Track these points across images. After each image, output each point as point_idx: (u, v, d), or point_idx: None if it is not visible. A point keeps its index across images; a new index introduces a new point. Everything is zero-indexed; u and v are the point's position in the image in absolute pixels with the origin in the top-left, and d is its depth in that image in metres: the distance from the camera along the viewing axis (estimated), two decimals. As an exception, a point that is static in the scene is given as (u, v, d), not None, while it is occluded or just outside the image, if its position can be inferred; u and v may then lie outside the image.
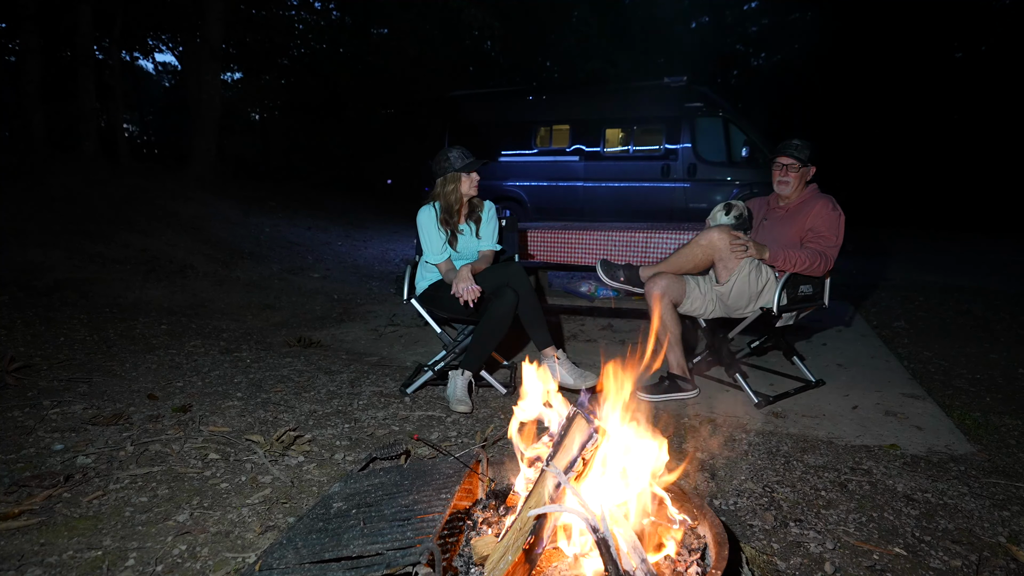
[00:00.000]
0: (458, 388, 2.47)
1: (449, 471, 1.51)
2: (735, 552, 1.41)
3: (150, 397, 2.49)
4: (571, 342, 3.61)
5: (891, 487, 1.82)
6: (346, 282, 5.83)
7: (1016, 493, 1.79)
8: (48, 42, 9.63)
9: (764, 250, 2.47)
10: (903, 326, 4.09)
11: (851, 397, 2.66)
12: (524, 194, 7.82)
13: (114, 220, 6.09)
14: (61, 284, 4.32)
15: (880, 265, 7.21)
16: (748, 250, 2.45)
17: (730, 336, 2.66)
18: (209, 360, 3.06)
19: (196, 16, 10.30)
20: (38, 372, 2.72)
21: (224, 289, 4.96)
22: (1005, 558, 1.46)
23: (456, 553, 1.27)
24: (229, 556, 1.44)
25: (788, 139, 2.64)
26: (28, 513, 1.59)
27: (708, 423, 2.32)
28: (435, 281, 2.71)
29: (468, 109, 8.49)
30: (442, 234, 2.65)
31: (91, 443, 2.03)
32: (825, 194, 2.59)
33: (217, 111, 10.18)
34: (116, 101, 10.49)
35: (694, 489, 1.80)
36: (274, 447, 2.03)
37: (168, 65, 20.91)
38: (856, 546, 1.51)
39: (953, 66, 15.09)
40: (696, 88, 7.10)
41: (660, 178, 7.06)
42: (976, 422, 2.37)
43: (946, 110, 14.68)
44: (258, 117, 19.90)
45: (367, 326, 4.05)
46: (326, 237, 8.53)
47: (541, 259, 3.59)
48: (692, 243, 2.53)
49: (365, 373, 2.96)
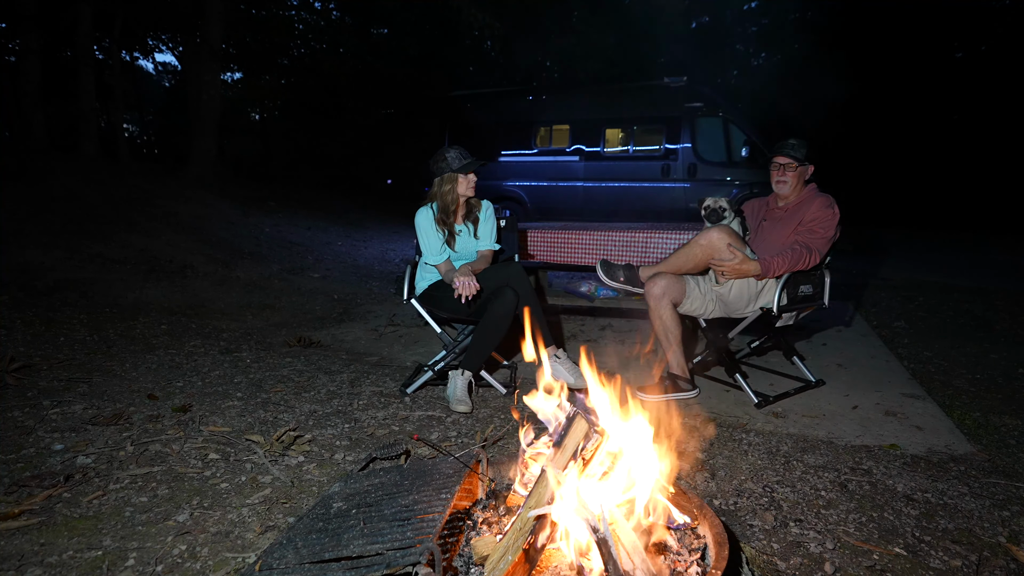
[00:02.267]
0: (458, 388, 2.47)
1: (449, 471, 1.51)
2: (735, 552, 1.41)
3: (150, 397, 2.49)
4: (571, 342, 3.61)
5: (891, 487, 1.82)
6: (346, 282, 5.83)
7: (1016, 493, 1.79)
8: (48, 42, 9.63)
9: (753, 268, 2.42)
10: (903, 326, 4.09)
11: (851, 397, 2.66)
12: (524, 194, 7.82)
13: (114, 220, 6.10)
14: (61, 284, 4.32)
15: (880, 265, 7.21)
16: (735, 260, 2.41)
17: (730, 336, 2.66)
18: (209, 360, 3.06)
19: (196, 16, 10.30)
20: (38, 372, 2.72)
21: (224, 289, 4.96)
22: (1005, 558, 1.46)
23: (456, 553, 1.27)
24: (229, 556, 1.44)
25: (784, 139, 2.64)
26: (28, 513, 1.59)
27: (708, 423, 2.33)
28: (435, 281, 2.71)
29: (468, 109, 8.49)
30: (440, 234, 2.65)
31: (91, 443, 2.03)
32: (824, 193, 2.59)
33: (217, 111, 10.18)
34: (116, 101, 10.50)
35: (694, 489, 1.80)
36: (274, 447, 2.03)
37: (168, 65, 20.94)
38: (856, 546, 1.51)
39: (953, 66, 15.08)
40: (696, 88, 7.09)
41: (660, 178, 7.06)
42: (976, 422, 2.37)
43: (946, 110, 14.68)
44: (258, 117, 19.90)
45: (367, 326, 4.05)
46: (326, 237, 8.53)
47: (541, 259, 3.59)
48: (692, 243, 2.53)
49: (365, 373, 2.96)
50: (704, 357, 3.03)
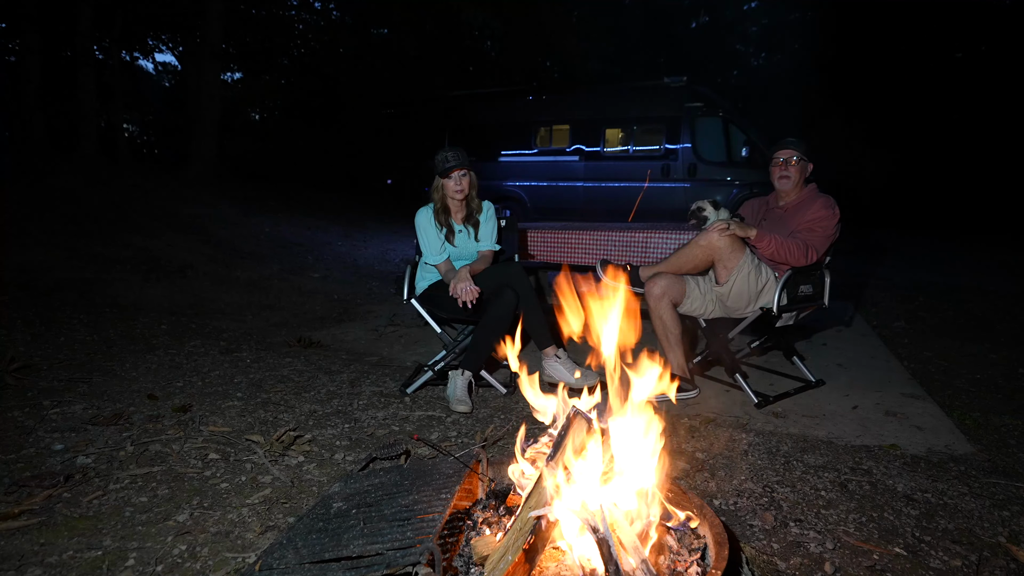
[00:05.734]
0: (458, 388, 2.47)
1: (449, 471, 1.51)
2: (735, 552, 1.41)
3: (150, 397, 2.49)
4: (571, 342, 3.60)
5: (891, 487, 1.82)
6: (346, 282, 5.83)
7: (1016, 493, 1.79)
8: (48, 42, 9.63)
9: (749, 229, 2.45)
10: (903, 326, 4.09)
11: (851, 397, 2.65)
12: (524, 194, 7.83)
13: (114, 220, 6.10)
14: (61, 284, 4.32)
15: (880, 265, 7.21)
16: (730, 228, 2.43)
17: (730, 336, 2.66)
18: (209, 360, 3.06)
19: (196, 16, 10.30)
20: (38, 372, 2.72)
21: (224, 289, 4.96)
22: (1005, 558, 1.46)
23: (456, 553, 1.27)
24: (229, 556, 1.44)
25: (783, 137, 2.65)
26: (28, 513, 1.59)
27: (708, 423, 2.33)
28: (435, 281, 2.71)
29: (468, 109, 8.50)
30: (440, 234, 2.65)
31: (91, 443, 2.03)
32: (824, 194, 2.59)
33: (217, 111, 10.18)
34: (116, 101, 10.50)
35: (694, 489, 1.80)
36: (274, 447, 2.03)
37: (168, 65, 20.85)
38: (856, 546, 1.51)
39: (953, 66, 15.08)
40: (696, 88, 7.09)
41: (660, 178, 7.06)
42: (976, 422, 2.37)
43: (946, 110, 14.67)
44: (258, 117, 19.89)
45: (367, 326, 4.05)
46: (326, 237, 8.53)
47: (541, 259, 3.59)
48: (692, 243, 2.53)
49: (365, 373, 2.96)
50: (704, 357, 3.03)
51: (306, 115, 17.17)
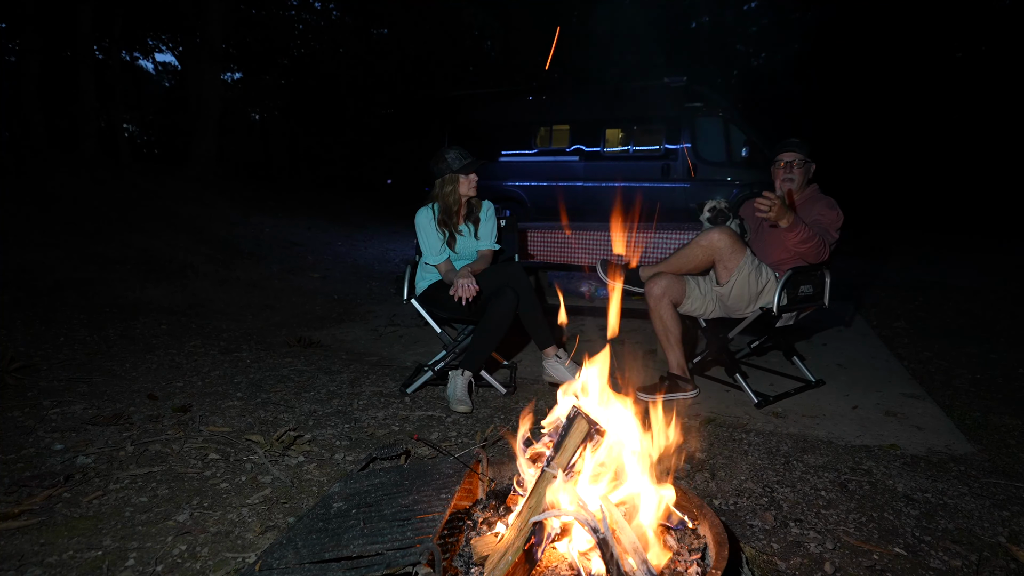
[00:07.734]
0: (458, 388, 2.47)
1: (449, 471, 1.51)
2: (735, 552, 1.41)
3: (150, 397, 2.49)
4: (571, 342, 3.60)
5: (891, 487, 1.82)
6: (346, 282, 5.83)
7: (1016, 493, 1.79)
8: (48, 42, 9.63)
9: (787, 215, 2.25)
10: (903, 326, 4.09)
11: (851, 397, 2.65)
12: (524, 194, 7.82)
13: (114, 220, 6.09)
14: (61, 284, 4.31)
15: (880, 265, 7.21)
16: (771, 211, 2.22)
17: (730, 336, 2.66)
18: (209, 360, 3.06)
19: (196, 16, 10.30)
20: (38, 372, 2.72)
21: (224, 289, 4.96)
22: (1005, 558, 1.46)
23: (456, 553, 1.27)
24: (229, 556, 1.44)
25: (784, 139, 2.64)
26: (28, 513, 1.59)
27: (708, 423, 2.33)
28: (435, 281, 2.71)
29: (468, 109, 8.49)
30: (440, 235, 2.65)
31: (91, 443, 2.03)
32: (826, 195, 2.59)
33: (217, 111, 10.18)
34: (116, 101, 10.50)
35: (694, 489, 1.80)
36: (274, 447, 2.03)
37: (168, 65, 20.88)
38: (856, 546, 1.51)
39: (953, 66, 15.07)
40: (696, 88, 7.08)
41: (660, 178, 7.06)
42: (976, 422, 2.37)
43: (946, 110, 14.67)
44: (258, 117, 19.89)
45: (367, 326, 4.05)
46: (326, 237, 8.53)
47: (541, 259, 3.59)
48: (692, 243, 2.52)
49: (365, 373, 2.96)
50: (704, 357, 3.03)
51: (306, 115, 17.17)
